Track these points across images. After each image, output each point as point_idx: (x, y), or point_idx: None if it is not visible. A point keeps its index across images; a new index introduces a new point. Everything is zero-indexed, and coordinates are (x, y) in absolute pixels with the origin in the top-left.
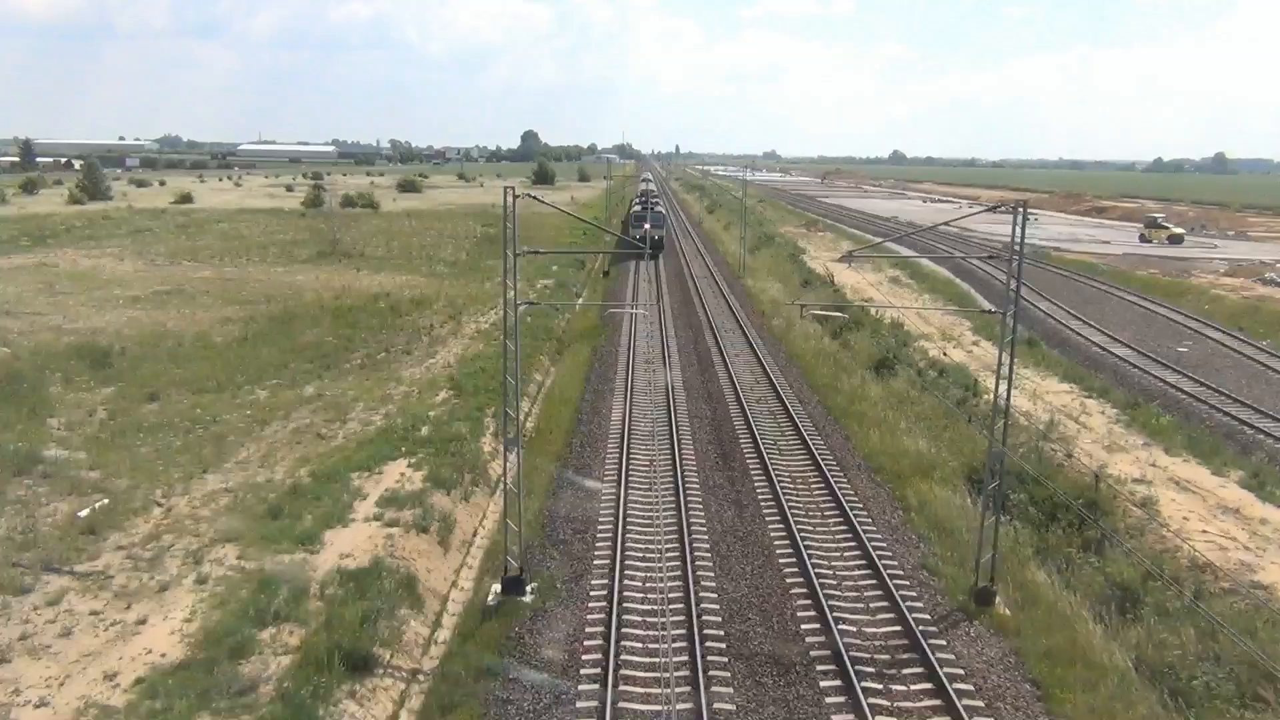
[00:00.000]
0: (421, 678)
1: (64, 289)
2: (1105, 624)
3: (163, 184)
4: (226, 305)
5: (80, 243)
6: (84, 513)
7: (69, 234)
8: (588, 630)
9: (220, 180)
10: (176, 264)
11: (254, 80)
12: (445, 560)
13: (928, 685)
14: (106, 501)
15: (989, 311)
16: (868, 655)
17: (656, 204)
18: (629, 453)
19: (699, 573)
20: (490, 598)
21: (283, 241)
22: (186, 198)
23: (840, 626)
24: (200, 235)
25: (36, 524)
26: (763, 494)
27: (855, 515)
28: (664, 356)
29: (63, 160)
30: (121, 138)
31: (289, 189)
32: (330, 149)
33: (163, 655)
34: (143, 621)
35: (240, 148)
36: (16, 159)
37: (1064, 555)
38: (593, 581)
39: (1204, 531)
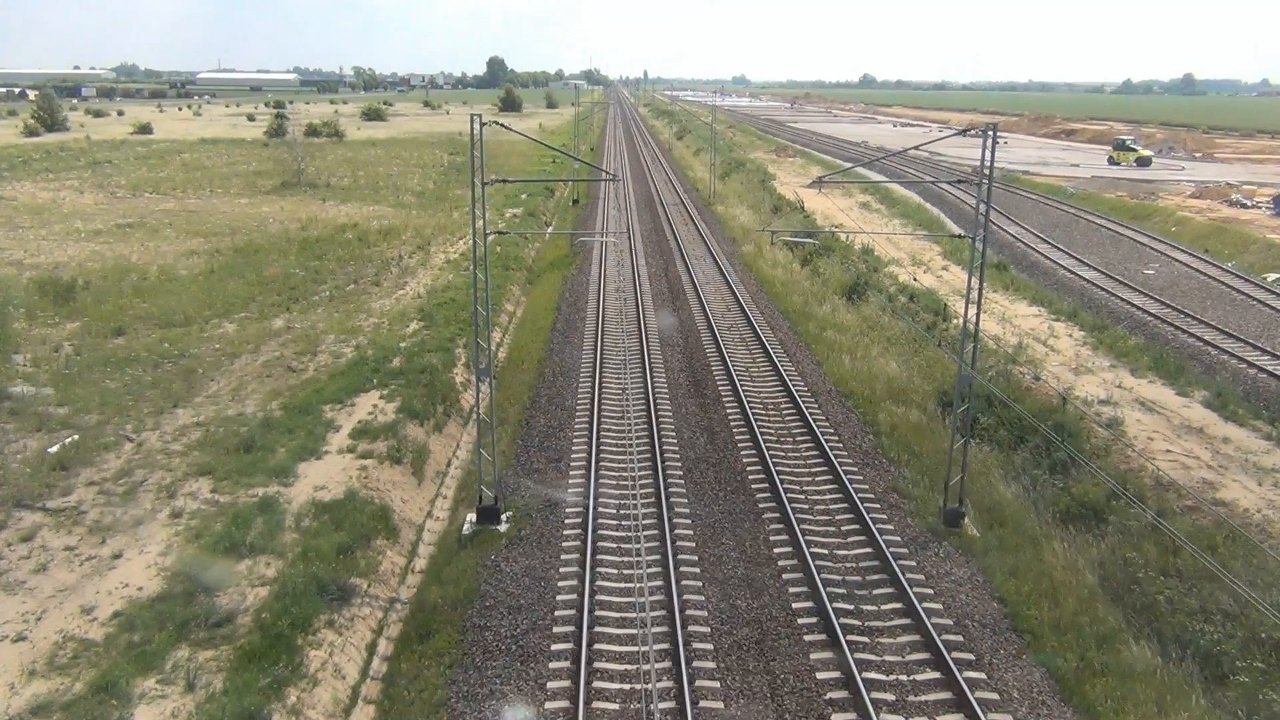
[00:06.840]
0: (399, 606)
1: (23, 223)
2: (1070, 543)
3: (121, 114)
4: (191, 237)
5: (38, 175)
6: (54, 448)
7: (26, 166)
8: (564, 558)
9: (180, 110)
10: (138, 196)
11: (213, 6)
12: (420, 491)
13: (898, 605)
14: (76, 437)
15: (958, 236)
16: (839, 577)
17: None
18: (601, 381)
19: (673, 499)
20: (466, 527)
21: (246, 172)
22: (146, 128)
23: (812, 550)
24: (161, 166)
25: (6, 460)
26: (735, 421)
27: (827, 440)
28: (635, 284)
29: (15, 90)
30: (76, 66)
31: (251, 118)
32: (292, 77)
33: (139, 589)
34: (118, 556)
35: (199, 76)
36: None
37: (1031, 476)
38: (567, 510)
39: (1168, 451)
